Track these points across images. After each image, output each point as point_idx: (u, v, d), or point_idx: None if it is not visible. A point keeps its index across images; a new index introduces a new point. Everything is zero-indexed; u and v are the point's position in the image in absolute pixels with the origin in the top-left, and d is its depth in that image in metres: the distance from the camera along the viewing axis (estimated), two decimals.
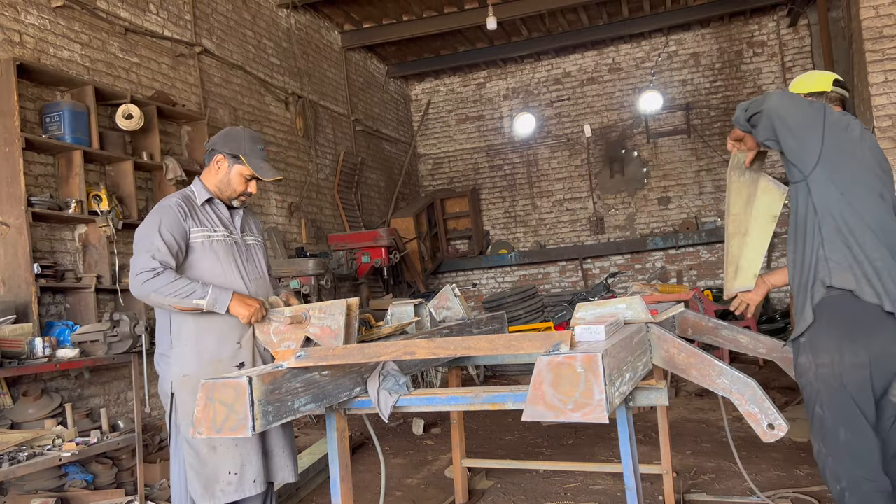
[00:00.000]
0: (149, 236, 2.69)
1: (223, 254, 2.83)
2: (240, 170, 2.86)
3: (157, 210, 2.79)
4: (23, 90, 4.77)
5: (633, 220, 11.28)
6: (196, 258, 2.78)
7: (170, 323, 2.78)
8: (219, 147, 2.87)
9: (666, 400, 2.23)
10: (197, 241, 2.78)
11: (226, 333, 2.77)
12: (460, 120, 12.29)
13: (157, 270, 2.63)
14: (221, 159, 2.86)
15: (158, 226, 2.70)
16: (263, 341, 2.82)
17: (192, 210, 2.81)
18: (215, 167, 2.87)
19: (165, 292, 2.61)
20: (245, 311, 2.67)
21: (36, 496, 3.94)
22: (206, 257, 2.80)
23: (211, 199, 2.89)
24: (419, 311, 3.24)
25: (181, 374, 2.74)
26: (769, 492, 3.74)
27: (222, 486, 2.71)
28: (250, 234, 3.01)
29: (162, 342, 2.83)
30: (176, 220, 2.74)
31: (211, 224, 2.84)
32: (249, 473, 2.75)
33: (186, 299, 2.62)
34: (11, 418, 4.17)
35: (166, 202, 2.81)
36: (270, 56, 8.16)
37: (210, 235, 2.81)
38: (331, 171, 9.33)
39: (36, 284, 4.48)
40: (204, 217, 2.84)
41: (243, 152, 2.84)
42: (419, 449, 5.53)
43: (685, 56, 11.08)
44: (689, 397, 6.50)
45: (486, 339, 2.13)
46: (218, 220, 2.88)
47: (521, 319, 8.99)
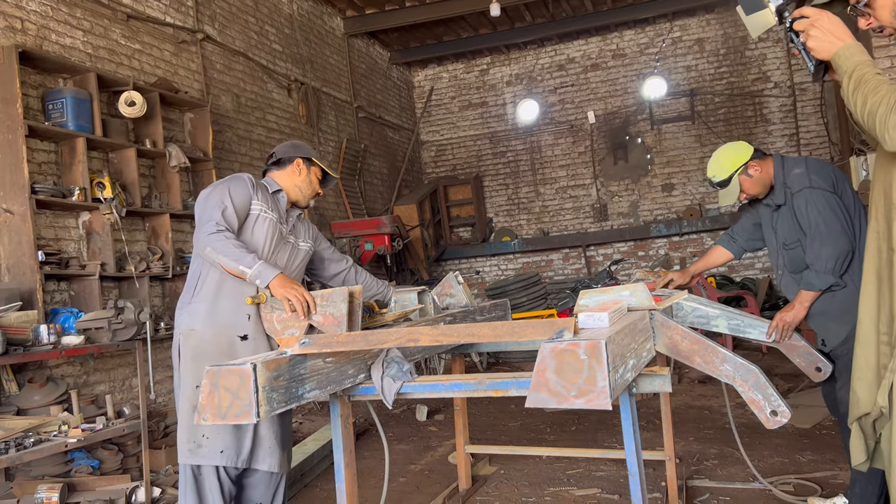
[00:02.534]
0: (220, 196, 2.88)
1: (268, 232, 2.98)
2: (315, 171, 3.19)
3: (230, 178, 3.02)
4: (25, 77, 4.76)
5: (636, 207, 11.25)
6: (246, 225, 2.95)
7: (198, 278, 2.93)
8: (294, 153, 3.17)
9: (669, 387, 2.23)
10: (254, 212, 2.97)
11: (241, 303, 2.85)
12: (463, 107, 12.24)
13: (221, 228, 2.78)
14: (301, 162, 3.15)
15: (229, 190, 2.91)
16: (267, 329, 2.83)
17: (259, 188, 3.04)
18: (296, 170, 3.15)
19: (220, 250, 2.74)
20: (282, 292, 2.68)
21: (42, 482, 3.97)
22: (254, 229, 2.96)
23: (278, 192, 3.12)
24: (423, 299, 3.24)
25: (188, 328, 2.88)
26: (772, 478, 3.75)
27: (192, 446, 2.83)
28: (299, 237, 3.19)
29: (185, 292, 2.98)
30: (245, 190, 2.95)
31: (271, 207, 3.04)
32: (217, 443, 2.82)
33: (234, 263, 2.73)
34: (17, 405, 4.19)
35: (239, 174, 3.07)
36: (273, 42, 8.12)
37: (266, 213, 3.00)
38: (333, 159, 9.31)
39: (40, 272, 4.49)
40: (267, 199, 3.05)
41: (314, 156, 3.20)
42: (422, 435, 5.56)
43: (690, 42, 11.01)
44: (692, 384, 6.52)
45: (489, 327, 2.13)
46: (277, 208, 3.08)
47: (524, 307, 9.00)
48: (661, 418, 3.68)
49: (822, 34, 1.84)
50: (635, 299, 2.53)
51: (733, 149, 3.26)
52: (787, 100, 10.47)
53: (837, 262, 2.92)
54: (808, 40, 1.85)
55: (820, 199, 2.97)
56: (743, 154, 3.21)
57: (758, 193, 3.23)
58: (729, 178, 3.21)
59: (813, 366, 3.09)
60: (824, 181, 3.01)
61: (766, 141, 10.53)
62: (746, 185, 3.21)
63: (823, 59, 1.87)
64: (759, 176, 3.19)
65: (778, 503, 3.48)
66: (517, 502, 3.82)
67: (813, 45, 1.84)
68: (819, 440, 4.46)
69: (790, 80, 10.45)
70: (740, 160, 3.20)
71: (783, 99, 10.50)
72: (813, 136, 10.27)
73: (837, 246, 2.91)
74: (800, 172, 3.07)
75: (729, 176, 3.21)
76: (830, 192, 2.97)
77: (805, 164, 3.11)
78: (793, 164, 3.15)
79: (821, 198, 2.97)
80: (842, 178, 3.08)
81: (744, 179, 3.21)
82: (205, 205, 2.90)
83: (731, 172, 3.21)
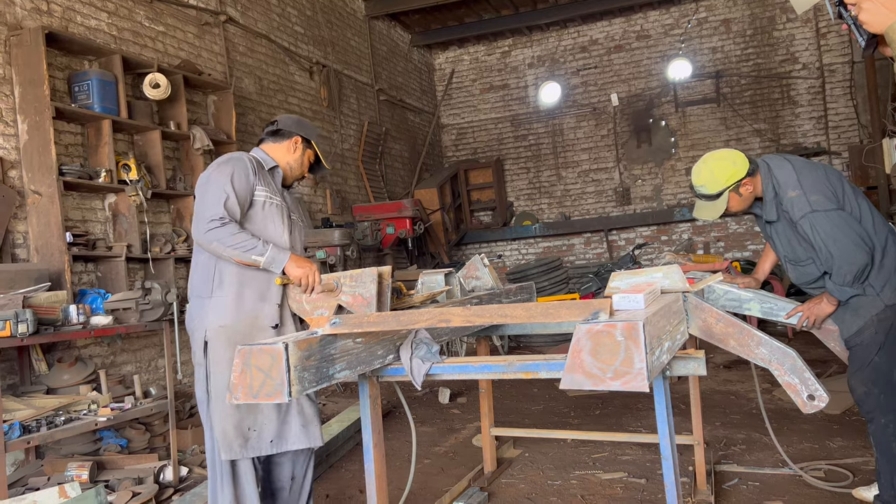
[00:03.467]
0: (221, 184, 2.74)
1: (277, 218, 2.91)
2: (309, 155, 3.09)
3: (229, 160, 2.84)
4: (51, 59, 4.78)
5: (659, 190, 11.12)
6: (254, 214, 2.85)
7: (214, 270, 2.81)
8: (296, 130, 3.05)
9: (704, 369, 2.19)
10: (259, 199, 2.86)
11: (266, 291, 2.81)
12: (484, 89, 12.15)
13: (224, 220, 2.69)
14: (299, 141, 3.05)
15: (231, 175, 2.76)
16: (296, 309, 2.83)
17: (260, 169, 2.92)
18: (292, 146, 3.04)
19: (227, 243, 2.67)
20: (298, 272, 2.68)
21: (72, 459, 4.03)
22: (264, 217, 2.87)
23: (275, 168, 3.02)
24: (449, 281, 3.22)
25: (217, 324, 2.77)
26: (801, 463, 3.71)
27: (240, 441, 2.75)
28: (296, 212, 3.11)
29: (200, 286, 2.85)
30: (247, 174, 2.82)
31: (270, 188, 2.94)
32: (266, 434, 2.79)
33: (246, 253, 2.68)
34: (47, 384, 4.25)
35: (238, 155, 2.89)
36: (294, 25, 8.09)
37: (271, 198, 2.91)
38: (355, 142, 9.29)
39: (68, 253, 4.53)
40: (266, 180, 2.94)
41: (315, 140, 3.09)
42: (445, 418, 5.57)
43: (715, 22, 10.81)
44: (717, 369, 6.46)
45: (522, 308, 2.10)
46: (276, 188, 3.00)
47: (545, 291, 8.96)
48: (689, 402, 3.65)
49: (875, 7, 1.77)
50: (669, 281, 2.49)
51: (730, 161, 3.03)
52: (816, 81, 10.26)
53: (855, 277, 2.83)
54: (861, 13, 1.78)
55: (825, 223, 2.82)
56: (739, 169, 3.00)
57: (739, 211, 3.11)
58: (719, 193, 3.02)
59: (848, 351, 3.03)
60: (824, 198, 2.85)
61: (793, 124, 10.35)
62: (734, 202, 3.04)
63: (876, 33, 1.81)
64: (747, 195, 3.04)
65: (808, 489, 3.44)
66: (543, 485, 3.81)
67: (865, 18, 1.78)
68: (849, 426, 4.39)
69: (819, 62, 10.24)
70: (736, 176, 2.99)
71: (811, 81, 10.29)
72: (842, 118, 10.06)
73: (853, 262, 2.80)
74: (796, 196, 2.88)
75: (720, 191, 3.02)
76: (834, 210, 2.83)
77: (797, 181, 2.91)
78: (784, 180, 2.95)
79: (825, 221, 2.82)
80: (837, 178, 2.93)
81: (733, 197, 3.03)
82: (205, 194, 2.77)
83: (723, 188, 3.01)
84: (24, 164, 4.57)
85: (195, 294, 2.87)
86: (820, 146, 10.13)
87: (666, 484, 2.23)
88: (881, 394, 2.88)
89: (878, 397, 2.88)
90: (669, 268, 2.50)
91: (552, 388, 6.22)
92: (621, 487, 3.69)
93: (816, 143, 10.19)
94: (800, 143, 10.27)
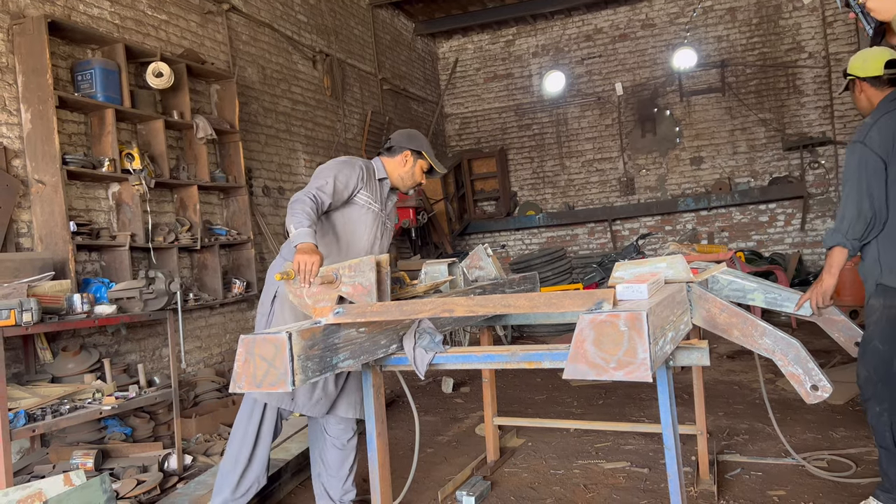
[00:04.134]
0: (325, 175, 3.08)
1: (370, 223, 3.23)
2: (421, 165, 3.36)
3: (345, 161, 3.19)
4: (54, 48, 4.77)
5: (664, 180, 11.09)
6: (351, 212, 3.18)
7: None
8: (405, 144, 3.34)
9: (707, 360, 2.20)
10: (360, 201, 3.19)
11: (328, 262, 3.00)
12: (488, 78, 12.10)
13: (309, 196, 2.95)
14: (409, 154, 3.33)
15: (337, 171, 3.10)
16: (299, 304, 2.81)
17: (369, 178, 3.24)
18: (402, 160, 3.33)
19: (293, 209, 2.89)
20: (299, 258, 2.68)
21: (77, 448, 4.05)
22: (358, 218, 3.20)
23: (384, 180, 3.34)
24: (453, 270, 3.22)
25: None
26: (804, 453, 3.71)
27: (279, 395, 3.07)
28: (389, 219, 3.41)
29: (285, 247, 3.17)
30: (353, 176, 3.14)
31: (374, 196, 3.26)
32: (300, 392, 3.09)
33: (289, 221, 2.87)
34: (52, 372, 4.26)
35: (356, 160, 3.24)
36: (298, 13, 8.05)
37: (371, 205, 3.23)
38: (358, 131, 9.27)
39: (72, 242, 4.53)
40: (373, 188, 3.25)
41: (426, 150, 3.36)
42: (449, 407, 5.58)
43: (721, 11, 10.73)
44: (721, 359, 6.46)
45: (525, 297, 2.10)
46: (379, 197, 3.30)
47: (549, 281, 8.96)
48: (692, 392, 3.65)
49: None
50: (672, 271, 2.48)
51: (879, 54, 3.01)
52: (822, 71, 10.19)
53: (851, 226, 2.83)
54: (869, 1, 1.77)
55: (857, 155, 2.83)
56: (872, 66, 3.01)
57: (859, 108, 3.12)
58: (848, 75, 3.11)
59: (852, 341, 3.02)
60: (882, 142, 2.80)
61: (798, 114, 10.29)
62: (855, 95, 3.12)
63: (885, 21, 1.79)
64: (858, 98, 3.08)
65: (811, 479, 3.44)
66: (546, 475, 3.82)
67: (873, 5, 1.77)
68: (852, 416, 4.39)
69: (825, 51, 10.17)
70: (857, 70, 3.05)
71: (817, 70, 10.22)
72: (848, 107, 10.00)
73: (855, 209, 2.80)
74: (867, 123, 2.88)
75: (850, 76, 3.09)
76: (876, 155, 2.79)
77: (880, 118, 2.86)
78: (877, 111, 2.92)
79: (859, 155, 2.82)
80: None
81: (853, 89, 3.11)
82: (312, 179, 3.11)
83: (853, 74, 3.07)
84: (27, 153, 4.57)
85: (280, 253, 3.25)
86: (825, 136, 10.08)
87: (669, 473, 2.24)
88: (879, 381, 2.88)
89: (876, 385, 2.89)
90: (673, 258, 2.50)
91: (555, 377, 6.22)
92: (624, 477, 3.70)
93: (822, 133, 10.14)
94: (805, 133, 10.21)
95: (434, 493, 3.60)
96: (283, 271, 2.78)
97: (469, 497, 3.39)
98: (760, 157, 10.52)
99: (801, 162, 10.21)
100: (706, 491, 3.36)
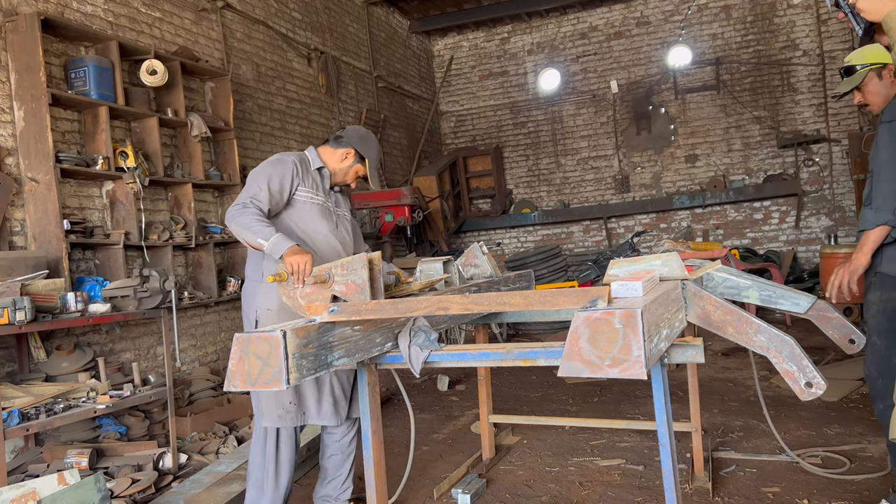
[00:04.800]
0: (258, 181, 3.00)
1: (318, 216, 3.13)
2: (357, 169, 3.28)
3: (276, 161, 3.09)
4: (47, 45, 4.75)
5: (659, 178, 11.10)
6: (295, 212, 3.09)
7: (263, 258, 3.03)
8: (354, 143, 3.25)
9: (702, 357, 2.20)
10: (300, 199, 3.10)
11: None
12: (483, 76, 12.09)
13: (247, 206, 2.89)
14: (352, 154, 3.25)
15: (269, 176, 3.01)
16: (292, 306, 2.79)
17: (305, 171, 3.15)
18: (342, 155, 3.25)
19: (242, 224, 2.84)
20: (292, 260, 2.68)
21: (72, 447, 4.04)
22: (304, 215, 3.10)
23: (322, 169, 3.25)
24: (448, 268, 3.21)
25: (265, 307, 3.02)
26: (799, 450, 3.72)
27: (281, 413, 3.01)
28: (339, 208, 3.31)
29: (252, 270, 3.12)
30: (287, 174, 3.05)
31: (315, 189, 3.17)
32: (305, 405, 3.04)
33: (253, 236, 2.82)
34: (46, 371, 4.25)
35: (287, 157, 3.14)
36: (292, 11, 8.04)
37: (313, 198, 3.14)
38: None
39: (66, 240, 4.52)
40: (311, 180, 3.17)
41: (370, 158, 3.26)
42: (444, 405, 5.58)
43: (716, 9, 10.75)
44: (716, 356, 6.48)
45: (520, 295, 2.09)
46: (321, 187, 3.21)
47: (544, 279, 8.97)
48: (685, 390, 3.66)
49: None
50: (667, 269, 2.48)
51: (883, 49, 2.92)
52: (816, 68, 10.21)
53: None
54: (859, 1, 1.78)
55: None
56: (887, 56, 2.90)
57: (873, 103, 2.98)
58: (860, 67, 2.96)
59: (846, 338, 3.02)
60: None
61: (793, 111, 10.31)
62: (871, 86, 2.95)
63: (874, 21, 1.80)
64: (887, 86, 2.91)
65: (805, 476, 3.45)
66: (541, 472, 3.83)
67: (863, 5, 1.78)
68: (846, 413, 4.41)
69: (819, 48, 10.19)
70: (882, 59, 2.92)
71: (812, 67, 10.25)
72: (842, 105, 10.02)
73: None
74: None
75: (861, 65, 2.95)
76: None
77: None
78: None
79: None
80: None
81: (871, 79, 2.94)
82: (245, 187, 3.04)
83: (865, 63, 2.95)
84: (20, 151, 4.55)
85: (248, 277, 3.15)
86: (820, 133, 10.10)
87: (663, 471, 2.24)
88: (879, 377, 2.88)
89: (877, 381, 2.89)
90: (668, 255, 2.50)
91: (551, 375, 6.23)
92: (619, 474, 3.70)
93: (816, 131, 10.16)
94: (799, 131, 10.24)
95: (429, 490, 3.60)
96: (276, 273, 2.78)
97: (464, 495, 3.39)
98: (755, 154, 10.55)
99: (795, 159, 10.23)
100: (701, 488, 3.37)
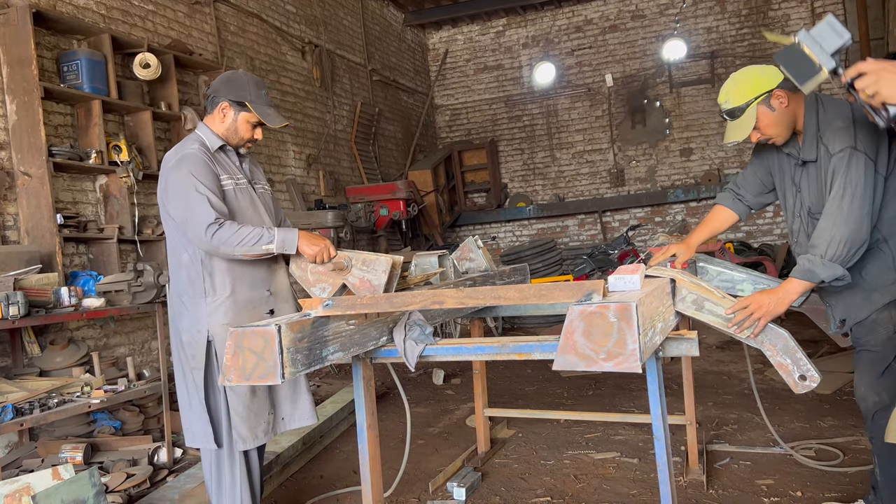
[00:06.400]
0: (193, 186, 2.59)
1: (248, 201, 2.79)
2: (246, 117, 2.77)
3: (183, 160, 2.65)
4: (40, 38, 4.71)
5: (653, 172, 11.11)
6: (228, 204, 2.71)
7: (202, 270, 2.69)
8: (222, 94, 2.75)
9: (696, 350, 2.20)
10: (227, 187, 2.73)
11: (257, 280, 2.76)
12: (478, 70, 12.06)
13: (220, 221, 2.57)
14: (227, 107, 2.75)
15: (195, 175, 2.61)
16: (298, 277, 2.75)
17: (212, 158, 2.73)
18: (220, 115, 2.77)
19: (233, 242, 2.55)
20: (311, 250, 2.63)
21: (66, 441, 4.03)
22: (239, 203, 2.75)
23: (223, 147, 2.81)
24: (443, 262, 3.21)
25: (221, 324, 2.66)
26: (792, 443, 3.74)
27: (264, 427, 2.76)
28: (258, 182, 2.95)
29: (188, 287, 2.72)
30: (206, 168, 2.66)
31: (231, 171, 2.79)
32: (281, 411, 2.84)
33: (255, 246, 2.57)
34: (40, 366, 4.23)
35: (188, 151, 2.68)
36: (286, 4, 8.00)
37: (237, 183, 2.77)
38: (348, 123, 9.23)
39: (59, 235, 4.49)
40: (223, 164, 2.77)
41: (249, 99, 2.74)
42: (439, 398, 5.59)
43: (711, 2, 10.74)
44: (710, 350, 6.49)
45: (516, 289, 2.10)
46: (235, 167, 2.83)
47: (539, 273, 8.97)
48: (681, 383, 3.67)
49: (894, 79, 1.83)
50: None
51: (757, 71, 2.57)
52: None
53: (851, 251, 2.34)
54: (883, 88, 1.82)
55: (861, 169, 2.35)
56: (768, 79, 2.51)
57: (775, 135, 2.57)
58: (745, 105, 2.53)
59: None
60: (870, 146, 2.39)
61: None
62: (765, 120, 2.53)
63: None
64: (782, 112, 2.52)
65: (799, 468, 3.47)
66: (536, 465, 3.84)
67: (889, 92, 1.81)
68: (840, 406, 4.43)
69: None
70: (763, 86, 2.51)
71: None
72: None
73: (859, 231, 2.34)
74: (843, 127, 2.41)
75: (745, 103, 2.52)
76: (873, 163, 2.38)
77: (851, 118, 2.42)
78: (834, 112, 2.48)
79: (862, 168, 2.35)
80: (884, 141, 2.43)
81: (763, 112, 2.52)
82: (185, 203, 2.60)
83: (748, 99, 2.52)
84: (13, 144, 4.52)
85: (185, 295, 2.73)
86: None
87: (658, 463, 2.25)
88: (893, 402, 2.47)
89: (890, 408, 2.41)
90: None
91: (546, 369, 6.24)
92: (614, 467, 3.71)
93: None
94: None
95: (425, 484, 3.61)
96: None
97: (460, 488, 3.40)
98: (750, 148, 10.52)
99: None
100: (695, 480, 3.38)
